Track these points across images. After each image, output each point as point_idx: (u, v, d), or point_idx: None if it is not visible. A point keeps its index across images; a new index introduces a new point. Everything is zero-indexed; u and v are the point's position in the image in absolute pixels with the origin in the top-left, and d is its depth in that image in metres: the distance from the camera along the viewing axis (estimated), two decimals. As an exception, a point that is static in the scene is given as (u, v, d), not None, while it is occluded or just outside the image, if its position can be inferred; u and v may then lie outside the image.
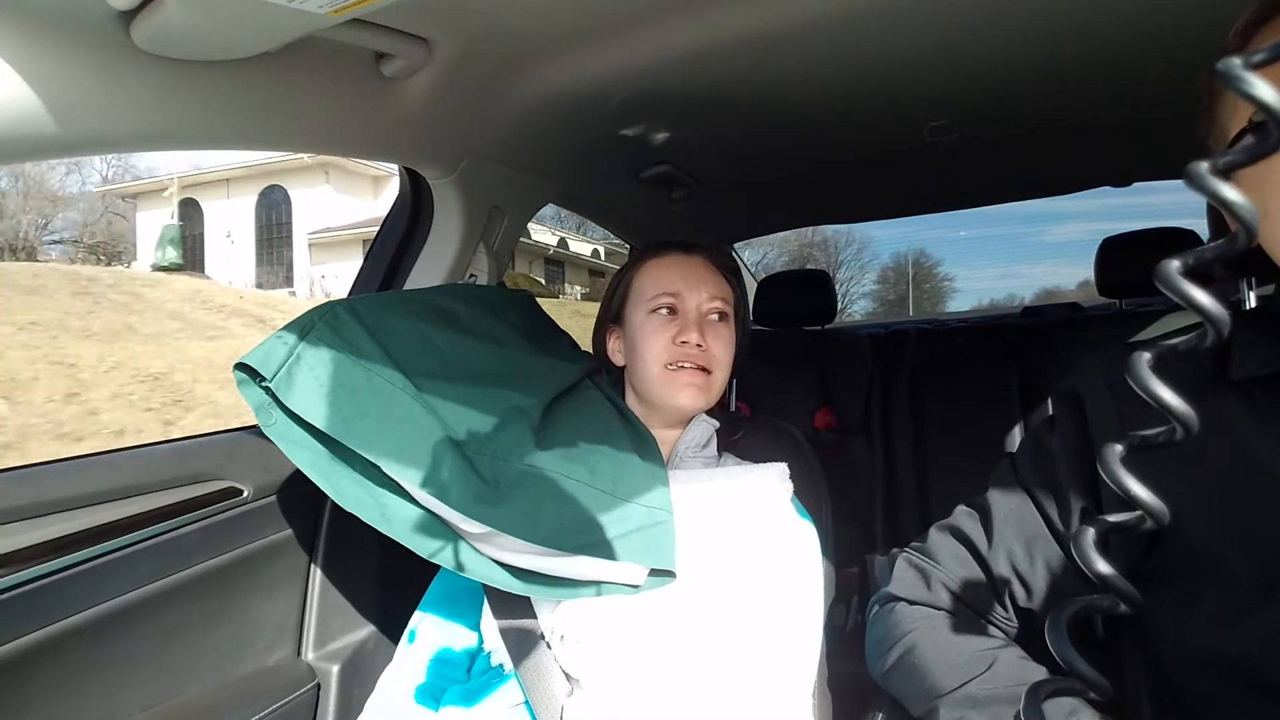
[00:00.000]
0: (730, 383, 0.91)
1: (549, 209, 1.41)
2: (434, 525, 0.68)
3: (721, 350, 0.80)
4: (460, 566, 0.66)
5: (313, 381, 0.70)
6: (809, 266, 2.75)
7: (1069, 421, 0.54)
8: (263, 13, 0.55)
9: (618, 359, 0.86)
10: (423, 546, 0.67)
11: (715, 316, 0.82)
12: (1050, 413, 0.58)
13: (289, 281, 12.20)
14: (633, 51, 0.86)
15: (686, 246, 0.86)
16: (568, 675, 0.66)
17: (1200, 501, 0.45)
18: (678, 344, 0.78)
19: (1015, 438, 1.51)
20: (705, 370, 0.79)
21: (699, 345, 0.78)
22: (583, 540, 0.64)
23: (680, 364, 0.79)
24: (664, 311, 0.81)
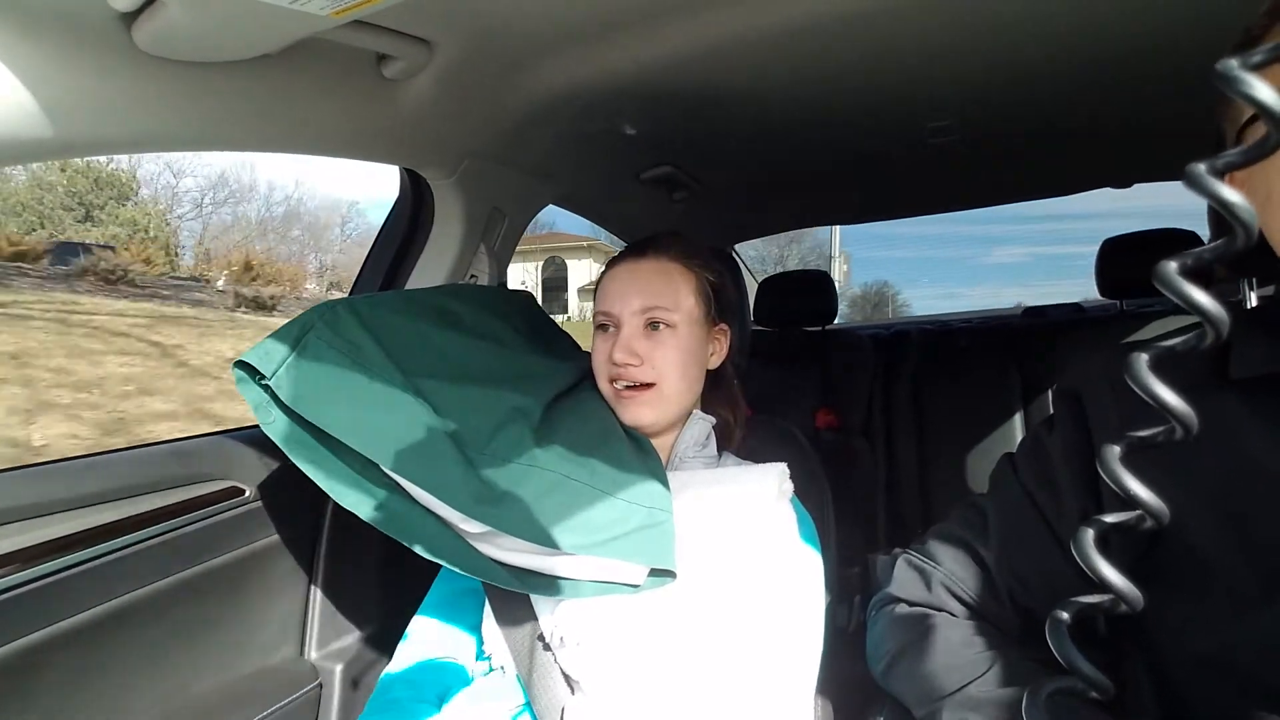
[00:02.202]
0: (735, 380, 0.91)
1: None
2: (434, 524, 0.68)
3: (664, 360, 0.77)
4: (460, 565, 0.66)
5: (312, 380, 0.70)
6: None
7: (1069, 421, 0.54)
8: (264, 14, 0.56)
9: None
10: (422, 545, 0.67)
11: (653, 325, 0.78)
12: (1050, 412, 0.58)
13: (565, 310, 20.32)
14: (633, 52, 0.86)
15: (640, 250, 0.83)
16: (568, 677, 0.66)
17: (1199, 502, 0.44)
18: (611, 364, 0.78)
19: (1017, 437, 1.51)
20: (647, 385, 0.77)
21: (630, 363, 0.76)
22: (582, 540, 0.64)
23: (622, 381, 0.78)
24: (603, 329, 0.81)
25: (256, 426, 0.84)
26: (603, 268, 0.87)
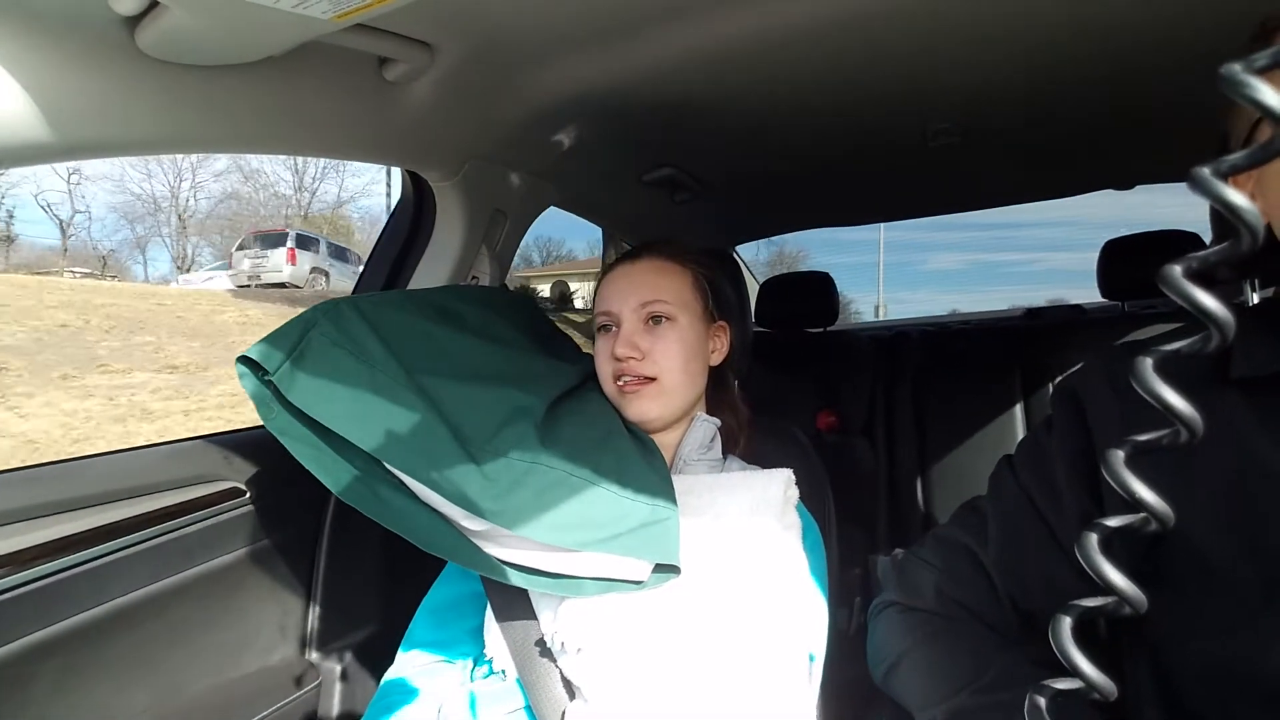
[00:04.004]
0: (735, 382, 0.91)
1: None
2: (435, 521, 0.68)
3: (665, 353, 0.78)
4: (461, 560, 0.66)
5: (315, 376, 0.70)
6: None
7: (1068, 422, 0.54)
8: (267, 18, 0.56)
9: None
10: (424, 541, 0.67)
11: (653, 320, 0.80)
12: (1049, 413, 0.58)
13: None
14: (634, 55, 0.86)
15: (635, 253, 0.85)
16: (568, 682, 0.66)
17: (1203, 504, 0.44)
18: (614, 360, 0.79)
19: (1018, 439, 1.50)
20: (650, 379, 0.78)
21: (633, 357, 0.77)
22: (586, 537, 0.64)
23: (625, 376, 0.78)
24: (604, 329, 0.82)
25: (257, 428, 0.84)
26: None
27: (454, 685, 0.72)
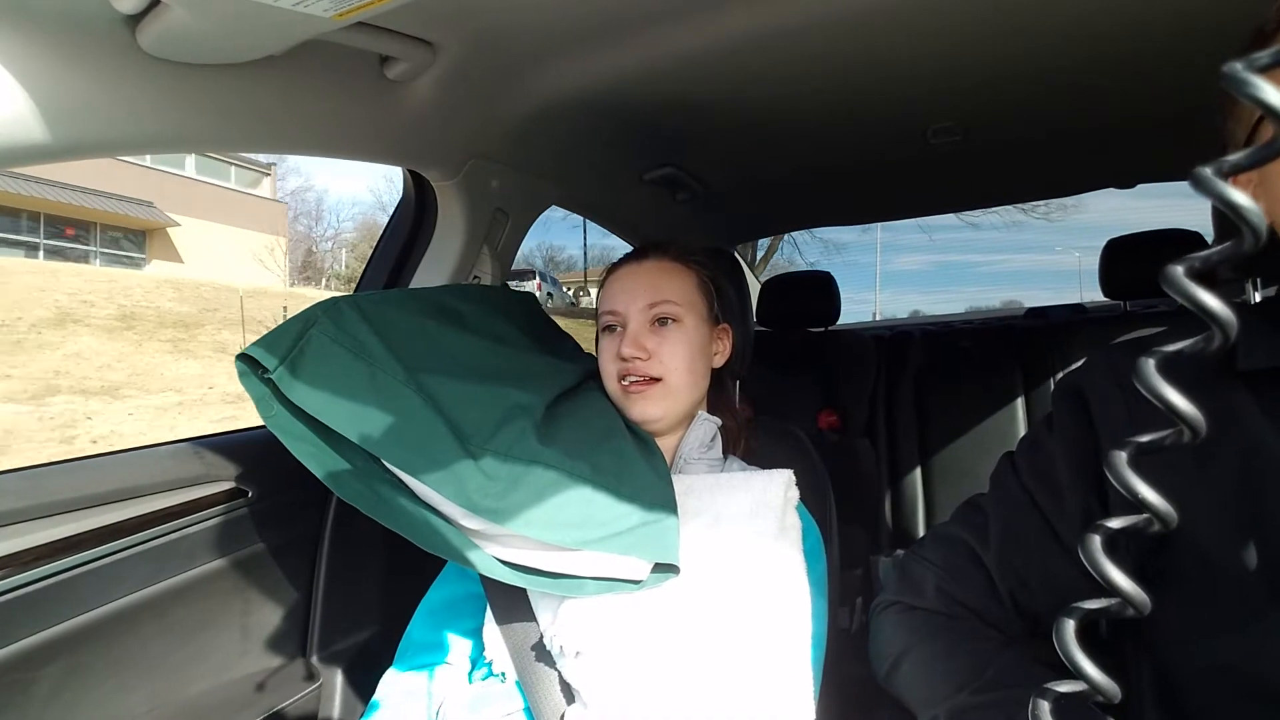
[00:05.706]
0: (734, 384, 0.91)
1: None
2: (434, 520, 0.68)
3: (671, 354, 0.78)
4: (460, 559, 0.66)
5: (315, 375, 0.70)
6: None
7: (1071, 419, 0.53)
8: (267, 17, 0.56)
9: None
10: (422, 540, 0.67)
11: (660, 321, 0.80)
12: (1049, 410, 0.58)
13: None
14: (636, 54, 0.86)
15: (641, 253, 0.85)
16: (568, 686, 0.66)
17: (1211, 501, 0.44)
18: (620, 360, 0.79)
19: (1019, 439, 1.50)
20: (654, 380, 0.78)
21: (639, 357, 0.77)
22: (585, 535, 0.64)
23: (630, 377, 0.78)
24: (609, 329, 0.82)
25: (259, 428, 0.85)
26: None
27: (452, 687, 0.72)
